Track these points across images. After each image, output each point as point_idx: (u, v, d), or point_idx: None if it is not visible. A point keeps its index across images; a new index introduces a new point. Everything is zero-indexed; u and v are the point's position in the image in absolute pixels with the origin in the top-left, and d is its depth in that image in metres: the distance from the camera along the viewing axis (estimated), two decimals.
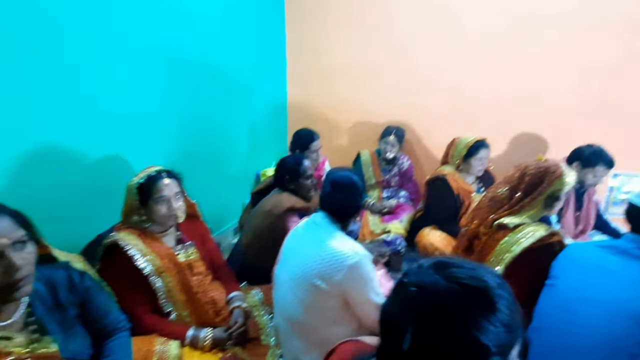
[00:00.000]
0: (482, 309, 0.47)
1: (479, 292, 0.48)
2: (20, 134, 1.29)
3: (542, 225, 1.30)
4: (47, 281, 0.89)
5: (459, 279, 0.49)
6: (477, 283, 0.49)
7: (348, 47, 2.89)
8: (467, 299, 0.48)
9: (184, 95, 2.05)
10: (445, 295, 0.48)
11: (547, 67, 2.42)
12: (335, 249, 1.17)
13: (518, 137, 2.64)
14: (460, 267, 0.51)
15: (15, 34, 1.24)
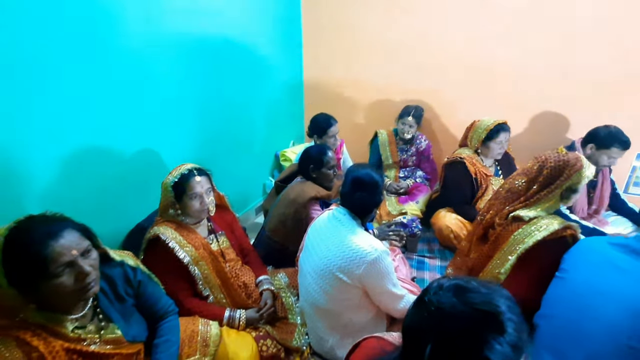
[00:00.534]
0: (493, 331, 0.55)
1: (491, 316, 0.56)
2: (65, 135, 1.40)
3: (557, 218, 1.34)
4: (107, 278, 1.02)
5: (474, 305, 0.57)
6: (489, 308, 0.56)
7: (366, 24, 2.80)
8: (480, 322, 0.56)
9: (205, 81, 2.08)
10: (461, 318, 0.56)
11: (577, 43, 2.30)
12: (356, 245, 1.26)
13: (542, 118, 2.57)
14: (477, 292, 0.59)
15: (53, 43, 1.30)
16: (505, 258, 1.35)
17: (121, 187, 1.67)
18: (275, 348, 1.35)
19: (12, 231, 0.83)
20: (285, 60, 2.98)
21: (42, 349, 0.84)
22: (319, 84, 3.21)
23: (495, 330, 0.55)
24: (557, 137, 2.52)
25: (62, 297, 0.88)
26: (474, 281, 0.63)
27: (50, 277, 0.84)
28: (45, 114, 1.32)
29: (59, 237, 0.85)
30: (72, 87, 1.39)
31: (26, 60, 1.24)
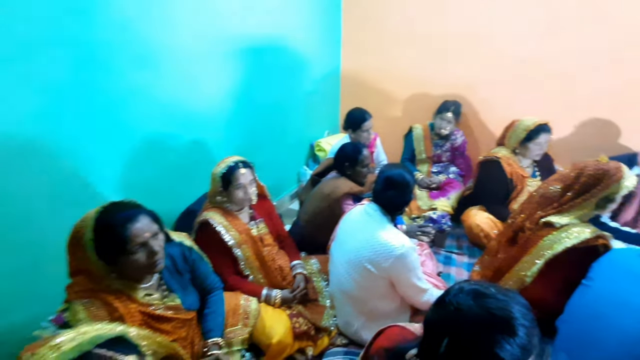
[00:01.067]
0: (505, 333, 0.61)
1: (504, 321, 0.62)
2: (130, 129, 1.60)
3: (589, 226, 1.34)
4: (169, 256, 1.21)
5: (490, 309, 0.64)
6: (504, 313, 0.63)
7: (407, 16, 2.77)
8: (494, 325, 0.62)
9: (247, 75, 2.21)
10: (477, 320, 0.64)
11: (637, 41, 2.14)
12: (385, 240, 1.36)
13: (589, 121, 2.44)
14: (494, 298, 0.65)
15: (122, 47, 1.48)
16: (533, 262, 1.38)
17: (174, 174, 1.87)
18: (306, 326, 1.50)
19: (100, 214, 1.01)
20: (324, 51, 3.03)
21: (122, 310, 1.03)
22: (356, 75, 3.24)
23: (507, 332, 0.61)
24: (604, 142, 2.39)
25: (136, 270, 1.06)
26: (493, 287, 0.69)
27: (128, 253, 1.02)
28: (115, 110, 1.52)
29: (135, 221, 1.03)
30: (137, 87, 1.58)
31: (104, 65, 1.43)
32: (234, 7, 2.01)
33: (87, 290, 1.03)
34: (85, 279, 1.04)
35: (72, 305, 0.99)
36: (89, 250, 1.00)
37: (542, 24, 2.35)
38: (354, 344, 1.52)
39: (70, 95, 1.35)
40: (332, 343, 1.53)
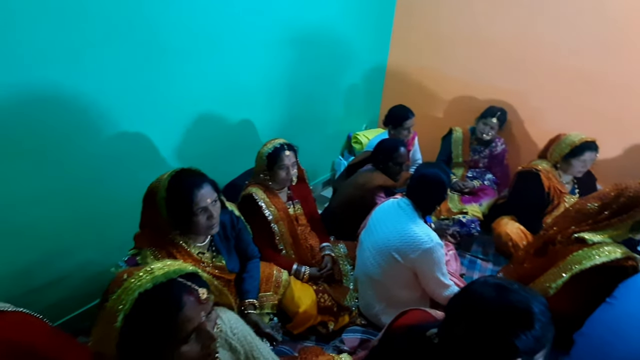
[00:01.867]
0: (522, 325, 0.68)
1: (524, 313, 0.69)
2: (189, 106, 1.77)
3: (621, 247, 1.35)
4: (220, 221, 1.36)
5: (510, 302, 0.71)
6: (524, 307, 0.69)
7: (462, 15, 2.73)
8: (514, 316, 0.69)
9: (293, 62, 2.29)
10: (496, 309, 0.71)
11: None
12: (414, 232, 1.44)
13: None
14: (516, 293, 0.72)
15: (192, 33, 1.63)
16: (559, 274, 1.41)
17: (221, 149, 2.04)
18: (330, 302, 1.62)
19: (172, 178, 1.17)
20: (372, 45, 3.03)
21: (181, 261, 1.20)
22: (401, 72, 3.25)
23: (525, 324, 0.68)
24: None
25: (195, 230, 1.22)
26: (516, 284, 0.76)
27: (192, 214, 1.18)
28: (178, 88, 1.69)
29: (201, 188, 1.18)
30: (199, 68, 1.75)
31: (173, 47, 1.60)
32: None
33: (153, 240, 1.21)
34: (153, 232, 1.21)
35: (143, 251, 1.18)
36: (160, 207, 1.17)
37: (605, 38, 2.26)
38: (373, 325, 1.63)
39: (143, 73, 1.53)
40: (352, 321, 1.65)
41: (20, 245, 1.34)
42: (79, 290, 1.54)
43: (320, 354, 1.27)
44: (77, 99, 1.35)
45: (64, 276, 1.49)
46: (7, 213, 1.28)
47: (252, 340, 1.01)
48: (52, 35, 1.22)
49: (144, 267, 0.74)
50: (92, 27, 1.31)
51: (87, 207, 1.50)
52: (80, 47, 1.30)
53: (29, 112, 1.25)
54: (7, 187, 1.26)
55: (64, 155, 1.38)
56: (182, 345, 0.71)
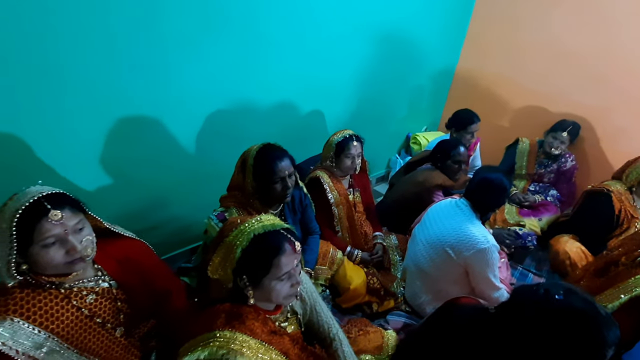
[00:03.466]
0: (609, 326, 0.73)
1: (609, 318, 0.75)
2: (269, 93, 1.97)
3: None
4: (292, 195, 1.54)
5: (575, 306, 0.75)
6: (607, 313, 0.75)
7: (542, 24, 2.63)
8: (602, 318, 0.74)
9: (365, 60, 2.39)
10: (565, 311, 0.76)
11: None
12: (471, 232, 1.50)
13: None
14: (584, 299, 0.77)
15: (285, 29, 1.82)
16: (618, 295, 1.38)
17: (293, 135, 2.22)
18: (378, 285, 1.74)
19: (260, 149, 1.37)
20: (444, 46, 3.03)
21: None
22: (470, 76, 3.21)
23: (610, 326, 0.73)
24: None
25: (272, 196, 1.41)
26: (587, 294, 0.79)
27: (271, 182, 1.36)
28: (266, 75, 1.90)
29: (282, 161, 1.36)
30: (288, 62, 1.94)
31: (271, 42, 1.81)
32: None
33: (238, 201, 1.42)
34: (239, 194, 1.42)
35: (230, 209, 1.39)
36: (247, 173, 1.37)
37: None
38: (416, 314, 1.72)
39: (246, 62, 1.77)
40: (396, 306, 1.75)
41: (135, 195, 1.66)
42: (172, 237, 1.84)
43: (368, 325, 1.40)
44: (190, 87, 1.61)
45: (162, 224, 1.80)
46: (130, 168, 1.59)
47: (316, 297, 1.18)
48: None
49: (253, 217, 0.92)
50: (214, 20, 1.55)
51: (184, 171, 1.79)
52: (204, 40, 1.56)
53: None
54: (133, 150, 1.57)
55: (173, 126, 1.66)
56: (277, 280, 0.88)
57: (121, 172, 1.56)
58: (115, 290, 1.05)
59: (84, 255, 0.91)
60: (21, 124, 1.26)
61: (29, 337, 0.85)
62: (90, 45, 1.28)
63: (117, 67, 1.37)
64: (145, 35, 1.40)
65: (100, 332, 1.00)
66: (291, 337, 1.00)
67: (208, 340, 0.84)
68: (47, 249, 0.85)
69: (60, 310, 0.92)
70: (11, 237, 0.81)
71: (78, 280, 0.97)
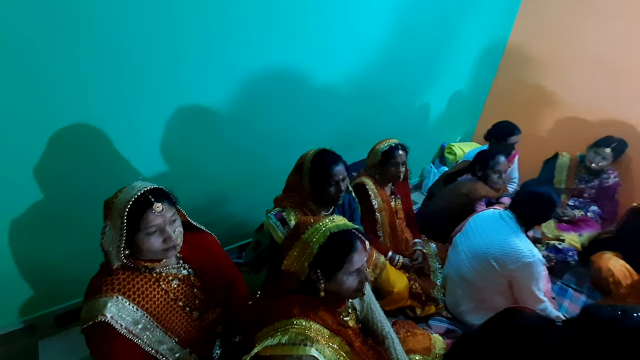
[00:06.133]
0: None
1: None
2: (317, 103, 2.07)
3: None
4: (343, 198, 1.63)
5: None
6: None
7: (589, 37, 2.62)
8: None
9: (408, 69, 2.46)
10: (633, 327, 0.77)
11: None
12: (517, 245, 1.53)
13: None
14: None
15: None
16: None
17: (340, 140, 2.30)
18: (419, 290, 1.79)
19: (317, 154, 1.46)
20: (483, 56, 3.03)
21: None
22: (509, 87, 3.20)
23: None
24: None
25: (326, 198, 1.49)
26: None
27: (327, 184, 1.45)
28: (314, 84, 2.01)
29: (337, 165, 1.45)
30: (339, 69, 2.04)
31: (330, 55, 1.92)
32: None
33: (295, 202, 1.51)
34: (297, 195, 1.52)
35: (288, 209, 1.48)
36: (304, 175, 1.47)
37: None
38: (457, 321, 1.75)
39: (301, 76, 1.89)
40: (437, 312, 1.79)
41: (198, 191, 1.80)
42: (226, 233, 1.96)
43: (415, 328, 1.45)
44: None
45: (218, 220, 1.93)
46: (195, 166, 1.74)
47: (372, 296, 1.25)
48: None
49: (329, 217, 1.01)
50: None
51: (242, 171, 1.93)
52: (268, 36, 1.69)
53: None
54: (204, 148, 1.72)
55: (235, 128, 1.80)
56: (348, 275, 0.96)
57: (187, 169, 1.71)
58: (193, 277, 1.16)
59: (176, 244, 1.02)
60: (103, 124, 1.41)
61: (130, 314, 0.97)
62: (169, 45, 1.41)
63: (201, 71, 1.53)
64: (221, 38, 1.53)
65: (181, 314, 1.11)
66: (353, 330, 1.07)
67: (286, 327, 0.93)
68: (150, 237, 0.96)
69: (152, 292, 1.03)
70: (122, 225, 0.92)
71: (165, 266, 1.09)
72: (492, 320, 1.04)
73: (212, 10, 1.46)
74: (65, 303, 1.62)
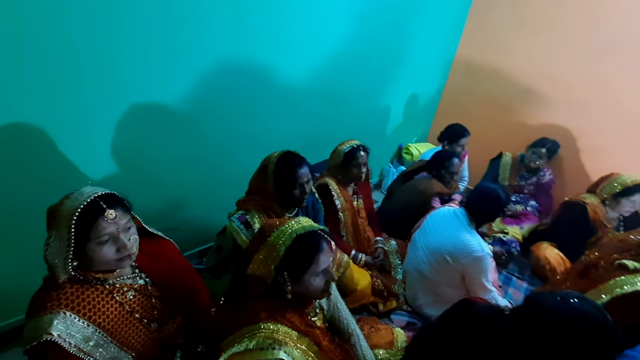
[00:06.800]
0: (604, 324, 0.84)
1: (600, 321, 0.84)
2: (279, 106, 2.06)
3: None
4: (306, 200, 1.63)
5: (588, 310, 0.86)
6: (601, 314, 0.85)
7: (527, 50, 2.89)
8: (590, 323, 0.84)
9: (369, 72, 2.54)
10: (576, 315, 0.86)
11: None
12: (468, 241, 1.65)
13: None
14: (595, 306, 0.88)
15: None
16: (599, 296, 1.55)
17: (301, 142, 2.31)
18: (381, 287, 1.85)
19: (281, 156, 1.45)
20: (435, 65, 3.25)
21: None
22: (459, 93, 3.43)
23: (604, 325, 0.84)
24: None
25: (290, 200, 1.49)
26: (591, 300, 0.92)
27: (292, 187, 1.45)
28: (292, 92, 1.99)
29: (302, 168, 1.45)
30: (301, 73, 2.03)
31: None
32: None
33: (259, 205, 1.49)
34: (261, 197, 1.49)
35: (252, 212, 1.46)
36: (269, 178, 1.45)
37: None
38: (417, 314, 1.84)
39: (262, 79, 1.84)
40: (398, 307, 1.87)
41: (154, 197, 1.71)
42: (185, 239, 1.87)
43: (378, 323, 1.50)
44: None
45: (178, 225, 1.84)
46: (150, 170, 1.65)
47: (337, 295, 1.27)
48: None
49: (294, 219, 1.01)
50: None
51: (201, 175, 1.85)
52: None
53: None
54: (160, 150, 1.63)
55: (191, 131, 1.72)
56: (315, 276, 0.97)
57: (142, 173, 1.60)
58: (150, 287, 1.10)
59: (132, 253, 0.96)
60: (47, 125, 1.28)
61: (80, 331, 0.89)
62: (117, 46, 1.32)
63: (162, 73, 1.45)
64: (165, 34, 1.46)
65: (138, 327, 1.04)
66: (321, 329, 1.08)
67: (254, 332, 0.91)
68: (102, 246, 0.90)
69: (105, 305, 0.96)
70: (69, 235, 0.85)
71: (119, 277, 1.02)
72: (448, 312, 1.10)
73: (166, 5, 1.39)
74: (4, 322, 1.45)
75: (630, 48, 2.44)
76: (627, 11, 2.41)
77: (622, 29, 2.44)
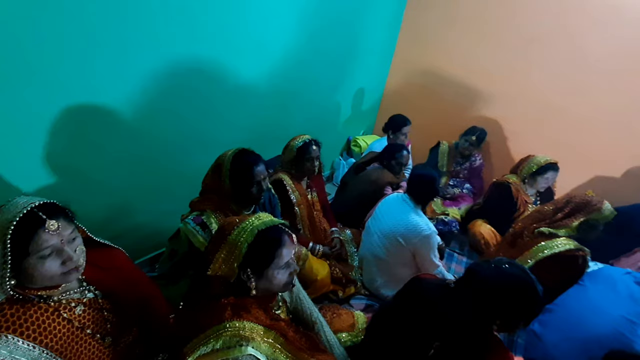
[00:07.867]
0: (528, 283, 1.03)
1: (527, 279, 1.03)
2: (227, 102, 2.02)
3: (574, 241, 1.76)
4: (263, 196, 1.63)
5: (514, 272, 1.04)
6: (527, 274, 1.04)
7: (457, 45, 3.16)
8: (521, 282, 1.03)
9: (314, 70, 2.58)
10: (503, 276, 1.04)
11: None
12: (417, 222, 1.79)
13: (596, 172, 2.87)
14: (521, 268, 1.06)
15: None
16: (525, 261, 1.80)
17: (251, 138, 2.27)
18: (340, 274, 1.93)
19: (236, 155, 1.44)
20: (377, 62, 3.42)
21: None
22: (399, 88, 3.64)
23: (528, 283, 1.03)
24: (607, 194, 2.38)
25: (247, 198, 1.49)
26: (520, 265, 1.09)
27: (249, 186, 1.44)
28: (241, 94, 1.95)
29: (258, 165, 1.45)
30: (246, 71, 2.00)
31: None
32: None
33: (214, 205, 1.46)
34: (216, 197, 1.46)
35: (207, 212, 1.42)
36: (224, 177, 1.43)
37: (580, 81, 2.74)
38: (374, 296, 1.96)
39: (209, 75, 1.78)
40: (357, 292, 1.96)
41: (99, 202, 1.58)
42: (133, 246, 1.74)
43: (340, 309, 1.57)
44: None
45: (124, 233, 1.70)
46: (89, 174, 1.51)
47: (299, 286, 1.31)
48: None
49: (253, 216, 1.02)
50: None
51: (150, 174, 1.75)
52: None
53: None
54: (103, 154, 1.52)
55: (134, 131, 1.60)
56: (279, 269, 1.00)
57: (84, 179, 1.47)
58: (101, 300, 1.03)
59: (79, 265, 0.89)
60: None
61: (25, 353, 0.81)
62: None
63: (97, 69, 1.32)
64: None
65: (91, 343, 0.97)
66: (285, 321, 1.11)
67: (219, 332, 0.91)
68: (44, 260, 0.82)
69: (52, 324, 0.88)
70: (5, 251, 0.77)
71: (65, 292, 0.94)
72: (401, 291, 1.22)
73: (112, 2, 1.28)
74: None
75: (548, 45, 2.80)
76: (544, 12, 2.75)
77: (540, 27, 2.79)
